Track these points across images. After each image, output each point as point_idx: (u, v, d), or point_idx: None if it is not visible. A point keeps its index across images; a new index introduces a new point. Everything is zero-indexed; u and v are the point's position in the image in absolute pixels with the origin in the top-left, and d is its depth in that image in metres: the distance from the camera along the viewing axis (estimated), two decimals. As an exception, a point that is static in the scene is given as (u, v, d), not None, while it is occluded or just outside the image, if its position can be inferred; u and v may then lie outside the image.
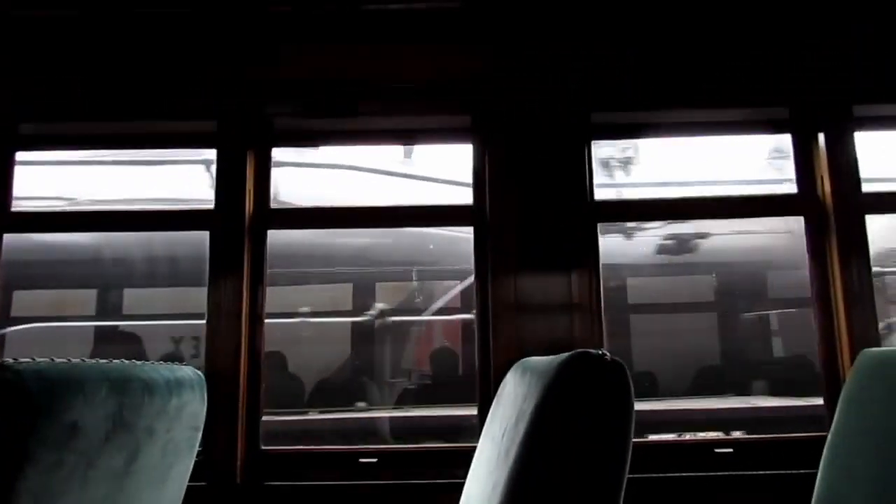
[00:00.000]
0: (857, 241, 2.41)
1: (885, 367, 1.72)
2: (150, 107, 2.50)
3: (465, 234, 2.56)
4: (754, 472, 2.28)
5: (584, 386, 1.04)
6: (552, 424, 1.06)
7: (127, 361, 1.72)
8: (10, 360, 1.19)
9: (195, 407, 1.99)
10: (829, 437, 1.83)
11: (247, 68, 2.51)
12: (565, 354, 1.12)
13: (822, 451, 1.83)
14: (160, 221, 2.61)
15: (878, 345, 2.34)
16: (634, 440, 2.32)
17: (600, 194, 2.50)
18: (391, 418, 4.68)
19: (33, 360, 1.28)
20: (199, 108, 2.50)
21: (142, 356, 4.86)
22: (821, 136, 2.50)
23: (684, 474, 2.28)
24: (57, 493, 1.34)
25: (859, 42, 2.50)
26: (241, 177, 2.48)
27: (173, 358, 5.21)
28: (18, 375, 1.20)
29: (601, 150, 2.57)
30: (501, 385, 1.69)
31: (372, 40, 2.53)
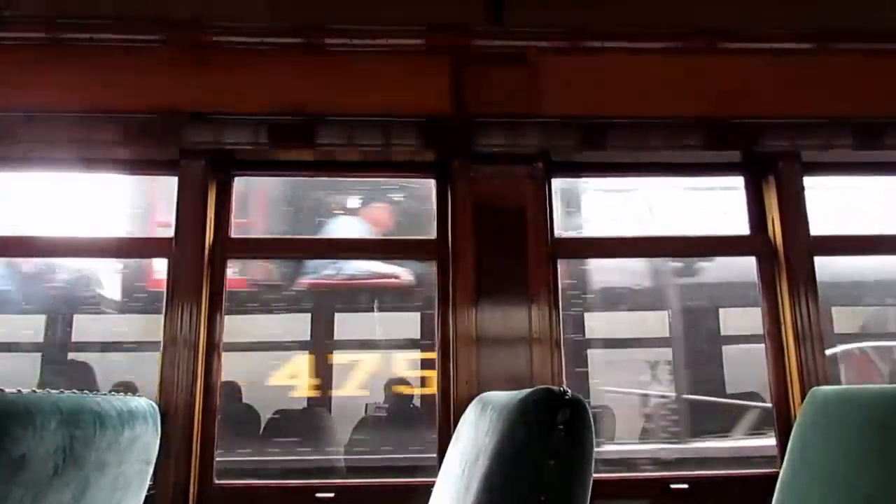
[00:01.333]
0: (806, 281, 2.49)
1: (835, 406, 1.76)
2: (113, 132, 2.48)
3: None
4: None
5: (545, 423, 1.05)
6: (513, 461, 1.07)
7: (79, 392, 1.67)
8: (-43, 392, 1.15)
9: (148, 439, 1.94)
10: (781, 474, 1.86)
11: (208, 98, 2.50)
12: (526, 390, 1.14)
13: (774, 487, 1.86)
14: (119, 249, 2.56)
15: (829, 382, 2.41)
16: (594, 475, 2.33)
17: (560, 231, 2.55)
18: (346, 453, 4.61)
19: (-19, 391, 1.24)
20: (160, 136, 2.48)
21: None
22: (771, 179, 2.60)
23: None
24: (1, 529, 1.29)
25: (808, 93, 2.62)
26: (202, 205, 2.46)
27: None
28: (-34, 407, 1.16)
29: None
30: (461, 419, 1.69)
31: (335, 74, 2.55)
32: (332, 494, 2.30)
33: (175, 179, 2.49)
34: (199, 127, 2.48)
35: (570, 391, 1.09)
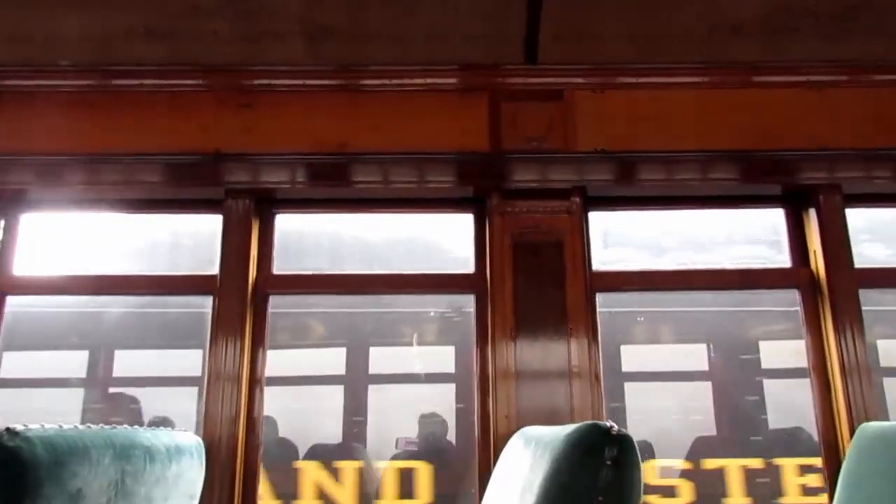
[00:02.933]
0: (851, 313, 2.45)
1: (885, 442, 1.73)
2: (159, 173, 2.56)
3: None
4: None
5: (593, 459, 1.05)
6: (562, 497, 1.07)
7: (129, 428, 1.71)
8: (20, 427, 1.19)
9: (193, 474, 1.97)
10: None
11: (250, 139, 2.58)
12: (573, 426, 1.14)
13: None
14: (165, 286, 2.63)
15: (878, 417, 2.35)
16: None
17: (598, 265, 2.55)
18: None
19: (42, 426, 1.28)
20: (203, 176, 2.56)
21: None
22: (812, 211, 2.58)
23: None
24: (57, 562, 1.31)
25: (846, 124, 2.60)
26: (247, 242, 2.52)
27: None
28: (28, 443, 1.20)
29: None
30: (502, 454, 1.69)
31: (372, 113, 2.61)
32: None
33: (219, 218, 2.56)
34: (242, 167, 2.55)
35: (616, 426, 1.09)
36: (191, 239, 2.97)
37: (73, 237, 2.89)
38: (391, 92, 2.64)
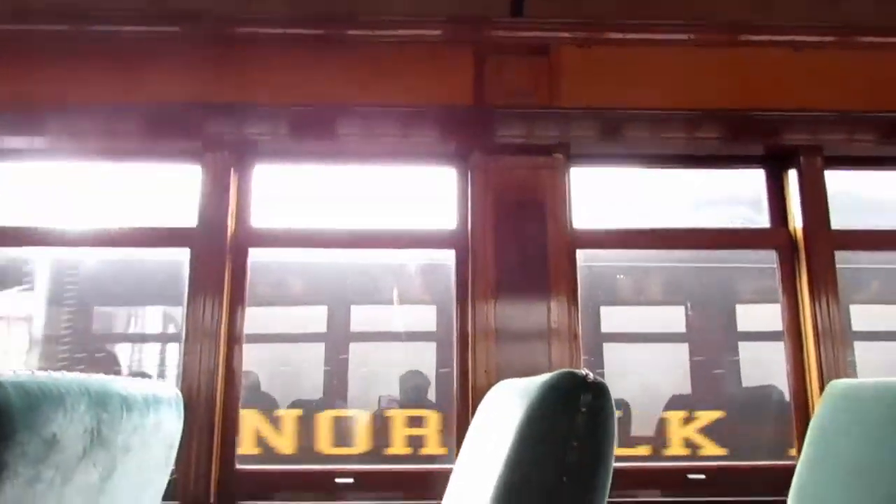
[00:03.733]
0: (826, 275, 2.48)
1: (854, 398, 1.76)
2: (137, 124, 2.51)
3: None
4: (725, 499, 2.31)
5: (568, 405, 1.06)
6: (536, 443, 1.08)
7: (106, 376, 1.70)
8: (-7, 371, 1.18)
9: (172, 425, 1.97)
10: (798, 465, 1.86)
11: (231, 89, 2.53)
12: (548, 374, 1.15)
13: (791, 479, 1.86)
14: (141, 239, 2.60)
15: (848, 377, 2.40)
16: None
17: (579, 222, 2.55)
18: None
19: (14, 372, 1.27)
20: (185, 127, 2.51)
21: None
22: (792, 173, 2.59)
23: (659, 499, 2.31)
24: (33, 507, 1.32)
25: (831, 87, 2.60)
26: (225, 195, 2.49)
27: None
28: (1, 388, 1.19)
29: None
30: (480, 406, 1.71)
31: (356, 65, 2.57)
32: (351, 480, 2.33)
33: (198, 169, 2.52)
34: (222, 117, 2.50)
35: (591, 374, 1.10)
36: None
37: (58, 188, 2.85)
38: (375, 44, 2.60)
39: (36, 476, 1.34)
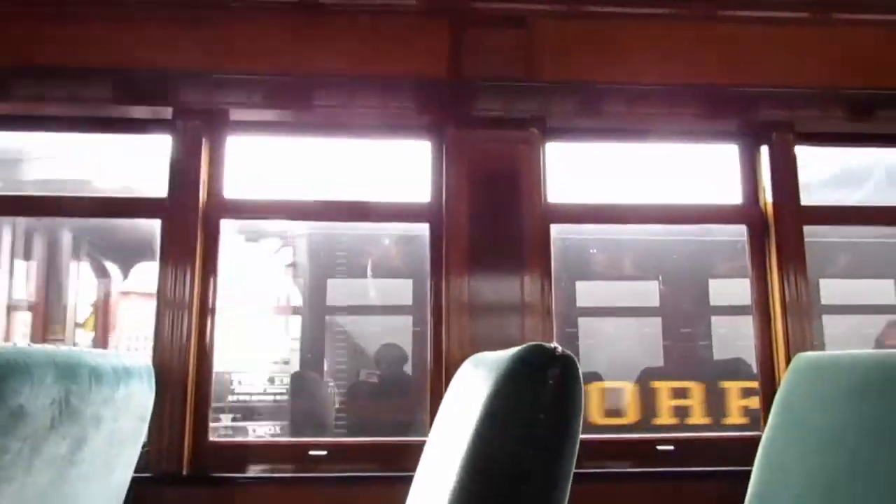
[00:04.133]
0: (795, 250, 2.52)
1: (819, 370, 1.80)
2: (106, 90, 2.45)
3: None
4: (694, 469, 2.36)
5: (535, 378, 1.07)
6: (503, 415, 1.09)
7: (74, 348, 1.69)
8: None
9: (143, 397, 1.97)
10: (764, 436, 1.90)
11: (203, 56, 2.48)
12: (518, 347, 1.16)
13: (757, 449, 1.91)
14: (111, 208, 2.56)
15: (815, 349, 2.45)
16: (582, 436, 2.37)
17: (554, 197, 2.55)
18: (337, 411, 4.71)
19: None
20: (154, 94, 2.46)
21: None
22: (764, 149, 2.61)
23: (629, 470, 2.36)
24: (0, 479, 1.31)
25: (805, 63, 2.61)
26: (196, 165, 2.46)
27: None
28: (-36, 358, 1.18)
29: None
30: (453, 379, 1.72)
31: (332, 33, 2.52)
32: (324, 452, 2.34)
33: (168, 139, 2.48)
34: (194, 86, 2.45)
35: (560, 347, 1.11)
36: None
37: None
38: (352, 13, 2.55)
39: (3, 447, 1.33)
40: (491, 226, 2.44)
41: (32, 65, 2.43)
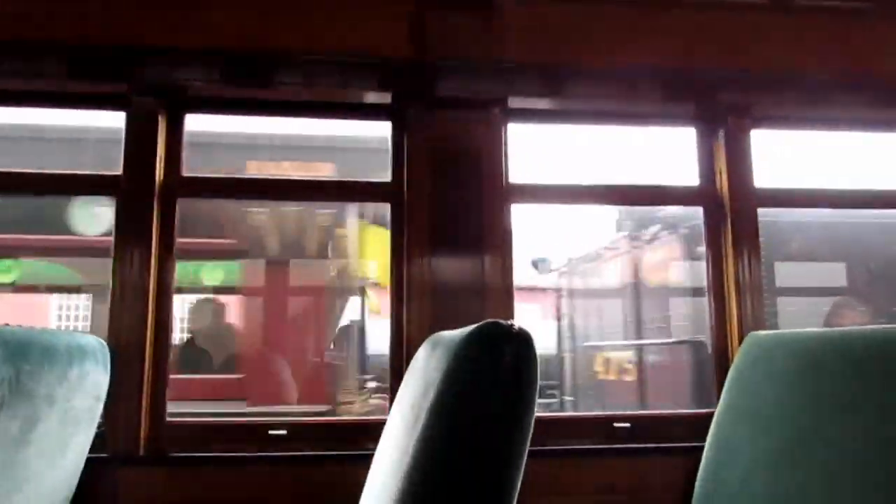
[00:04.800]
0: (749, 232, 2.58)
1: (770, 349, 1.86)
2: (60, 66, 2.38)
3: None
4: (647, 445, 2.42)
5: (491, 352, 1.09)
6: (460, 392, 1.11)
7: (26, 327, 1.65)
8: None
9: (97, 376, 1.94)
10: (716, 413, 1.96)
11: (160, 31, 2.42)
12: (474, 325, 1.17)
13: (710, 426, 1.96)
14: (64, 185, 2.50)
15: (767, 329, 2.52)
16: (540, 415, 2.41)
17: (515, 178, 2.56)
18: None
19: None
20: (109, 70, 2.39)
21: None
22: (721, 132, 2.66)
23: (586, 446, 2.40)
24: (-53, 459, 1.28)
25: (762, 47, 2.66)
26: (152, 143, 2.41)
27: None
28: None
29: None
30: (413, 359, 1.73)
31: (294, 9, 2.48)
32: (284, 431, 2.34)
33: (123, 115, 2.42)
34: (150, 61, 2.39)
35: (517, 324, 1.13)
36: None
37: None
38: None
39: (-50, 428, 1.30)
40: (452, 206, 2.44)
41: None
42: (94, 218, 4.95)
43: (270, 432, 2.33)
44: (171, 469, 2.25)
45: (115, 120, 2.48)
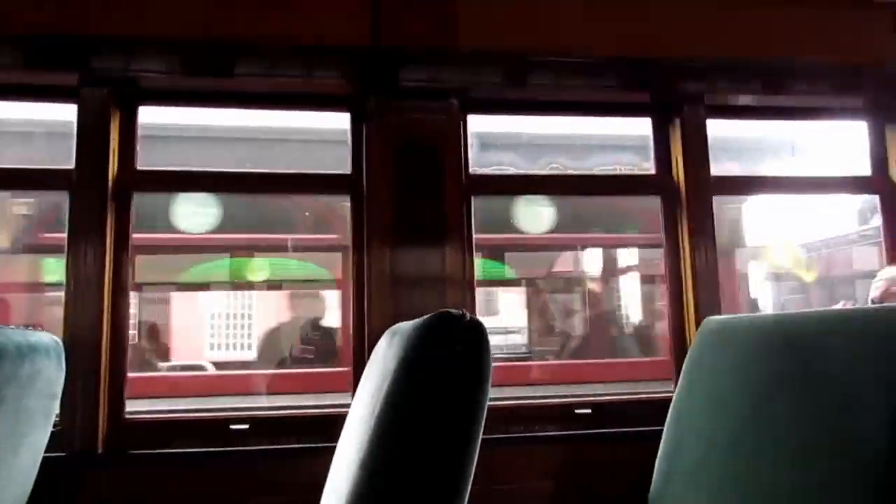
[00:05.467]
0: (705, 219, 2.62)
1: (725, 332, 1.90)
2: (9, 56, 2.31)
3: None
4: (610, 430, 2.45)
5: (442, 342, 1.09)
6: (413, 381, 1.11)
7: (-27, 326, 1.61)
8: None
9: (51, 374, 1.90)
10: (674, 396, 2.00)
11: (112, 19, 2.36)
12: (429, 315, 1.18)
13: (668, 409, 2.00)
14: (18, 181, 2.44)
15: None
16: (500, 403, 2.43)
17: (475, 169, 2.57)
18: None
19: None
20: (59, 60, 2.34)
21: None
22: (677, 121, 2.70)
23: (547, 434, 2.43)
24: None
25: (717, 36, 2.69)
26: (105, 136, 2.36)
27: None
28: None
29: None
30: (374, 350, 1.73)
31: (252, 1, 2.44)
32: (246, 426, 2.32)
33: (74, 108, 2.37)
34: (101, 51, 2.34)
35: (468, 314, 1.14)
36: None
37: None
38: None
39: None
40: (413, 197, 2.44)
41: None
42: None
43: (232, 427, 2.32)
44: (131, 467, 2.22)
45: (68, 113, 2.42)
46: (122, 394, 2.30)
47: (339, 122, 2.59)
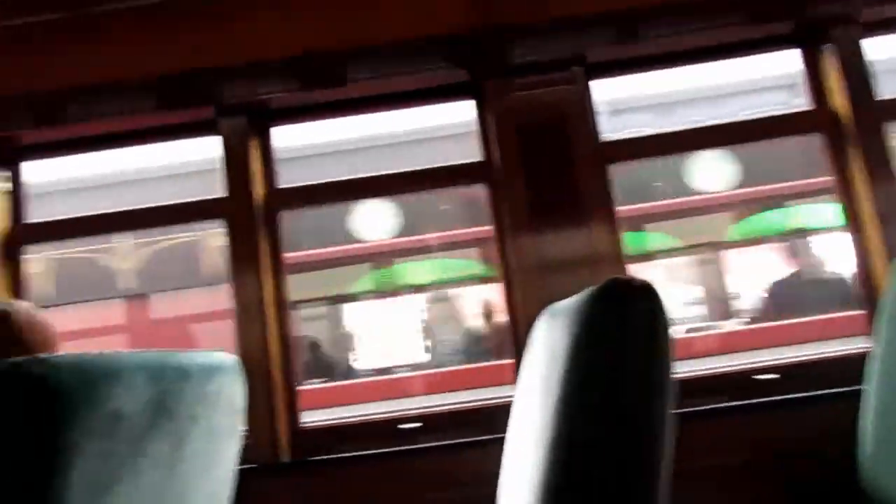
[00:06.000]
0: (879, 151, 2.34)
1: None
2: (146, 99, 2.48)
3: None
4: (798, 395, 2.23)
5: (618, 309, 1.02)
6: (592, 352, 1.05)
7: (161, 350, 1.73)
8: (45, 355, 1.20)
9: (233, 390, 2.00)
10: (876, 348, 1.79)
11: (234, 50, 2.46)
12: (592, 287, 1.11)
13: (865, 365, 1.80)
14: (175, 216, 2.61)
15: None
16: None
17: (606, 135, 2.44)
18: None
19: (66, 354, 1.30)
20: (196, 96, 2.47)
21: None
22: (828, 47, 2.43)
23: (728, 404, 2.25)
24: (110, 482, 1.35)
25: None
26: (246, 160, 2.47)
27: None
28: (55, 369, 1.21)
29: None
30: (533, 333, 1.68)
31: (355, 7, 2.46)
32: (416, 424, 2.34)
33: (216, 139, 2.50)
34: (231, 81, 2.45)
35: (637, 277, 1.06)
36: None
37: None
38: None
39: (108, 451, 1.37)
40: (546, 176, 2.35)
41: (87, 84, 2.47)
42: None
43: (400, 426, 2.34)
44: (313, 473, 2.31)
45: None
46: (297, 404, 2.40)
47: (457, 115, 2.56)
